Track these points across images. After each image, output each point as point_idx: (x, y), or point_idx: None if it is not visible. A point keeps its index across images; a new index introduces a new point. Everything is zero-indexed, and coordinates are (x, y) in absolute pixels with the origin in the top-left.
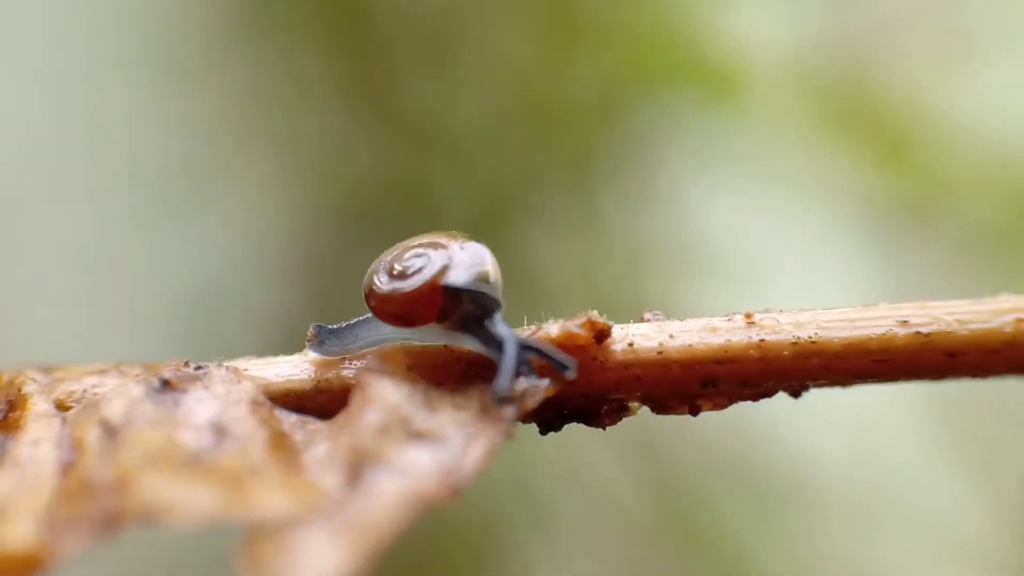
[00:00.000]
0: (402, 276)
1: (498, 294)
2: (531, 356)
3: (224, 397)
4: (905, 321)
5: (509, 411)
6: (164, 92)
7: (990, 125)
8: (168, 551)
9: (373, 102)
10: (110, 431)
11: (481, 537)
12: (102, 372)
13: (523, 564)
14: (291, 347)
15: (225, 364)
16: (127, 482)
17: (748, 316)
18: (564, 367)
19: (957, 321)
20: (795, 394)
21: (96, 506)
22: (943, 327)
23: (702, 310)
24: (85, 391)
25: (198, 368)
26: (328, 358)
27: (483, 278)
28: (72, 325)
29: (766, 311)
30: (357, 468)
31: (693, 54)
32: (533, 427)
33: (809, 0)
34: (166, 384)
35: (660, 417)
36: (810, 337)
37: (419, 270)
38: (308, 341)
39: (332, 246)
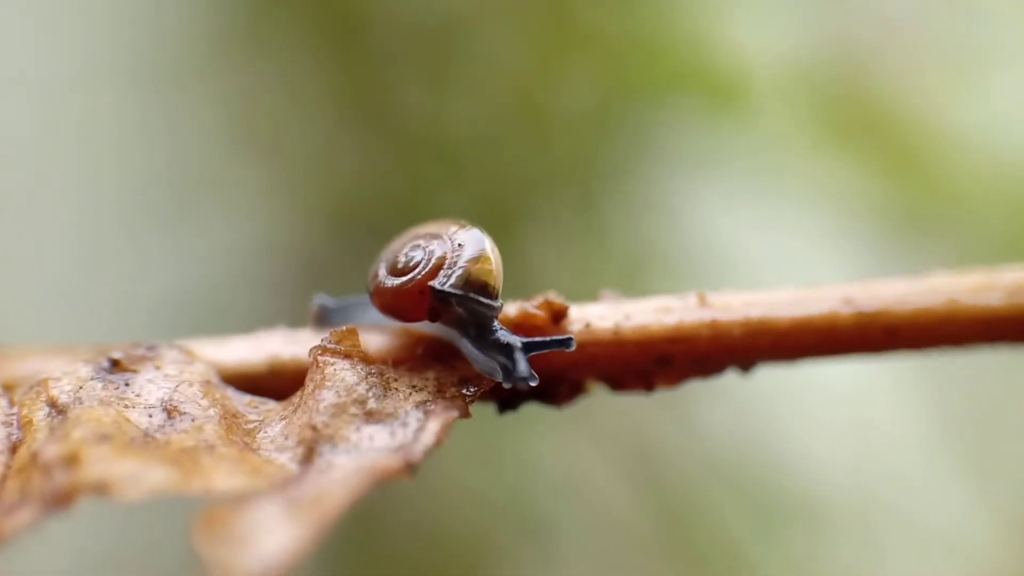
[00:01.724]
0: (396, 271)
1: (492, 298)
2: (536, 354)
3: (176, 377)
4: (848, 299)
5: (469, 391)
6: (155, 100)
7: (996, 136)
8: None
9: (368, 110)
10: (59, 410)
11: (476, 548)
12: (50, 352)
13: (516, 567)
14: None
15: (177, 344)
16: (78, 458)
17: (701, 296)
18: (565, 344)
19: (895, 299)
20: (745, 370)
21: (47, 482)
22: (883, 305)
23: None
24: (32, 371)
25: (149, 348)
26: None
27: (479, 275)
28: (58, 335)
29: (719, 291)
30: (312, 447)
31: (694, 62)
32: (529, 440)
33: (813, 8)
34: (116, 364)
35: (658, 425)
36: (760, 316)
37: (414, 266)
38: (312, 317)
39: (325, 255)
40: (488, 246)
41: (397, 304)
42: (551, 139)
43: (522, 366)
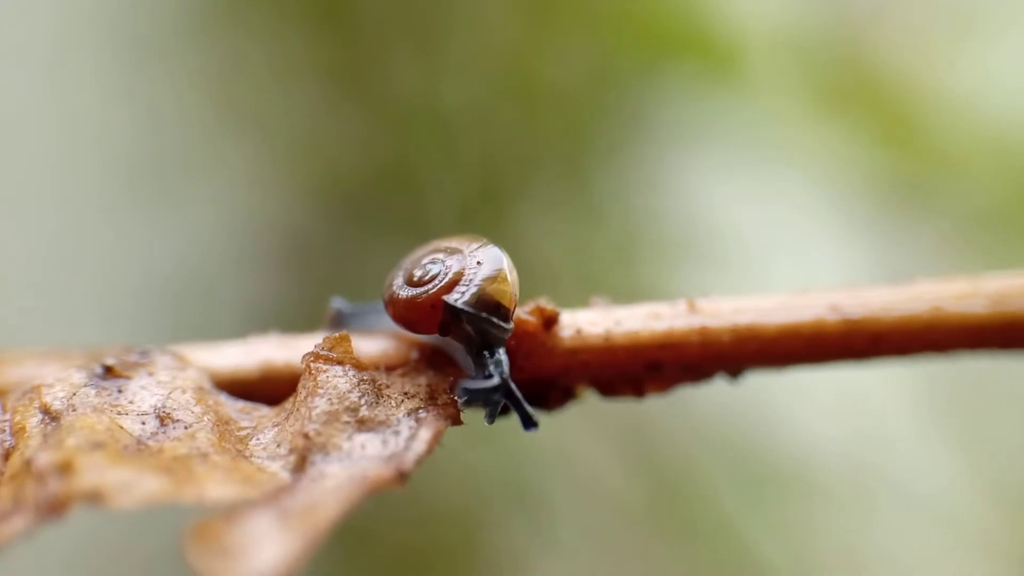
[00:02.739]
0: (413, 282)
1: (504, 320)
2: (506, 401)
3: (169, 384)
4: (835, 307)
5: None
6: (142, 74)
7: (989, 102)
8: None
9: (358, 83)
10: (52, 416)
11: (469, 523)
12: (42, 357)
13: (513, 552)
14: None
15: (170, 350)
16: (71, 466)
17: (691, 303)
18: (529, 424)
19: (882, 307)
20: (734, 376)
21: (40, 490)
22: (869, 312)
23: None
24: (24, 377)
25: (141, 353)
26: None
27: (494, 295)
28: (47, 315)
29: (708, 297)
30: (304, 455)
31: (687, 30)
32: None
33: None
34: (109, 370)
35: (652, 401)
36: (748, 323)
37: (430, 279)
38: (328, 320)
39: (316, 232)
40: (506, 266)
41: (409, 315)
42: (543, 113)
43: (490, 414)
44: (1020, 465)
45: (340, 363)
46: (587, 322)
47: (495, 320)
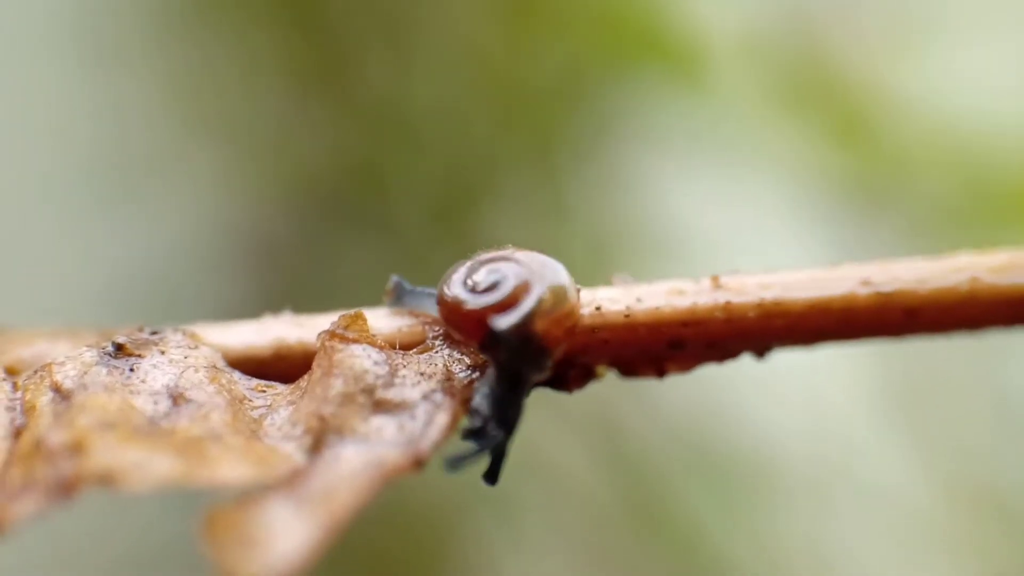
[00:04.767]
0: (469, 285)
1: (544, 361)
2: (488, 446)
3: (181, 363)
4: (867, 280)
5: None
6: (105, 74)
7: (943, 102)
8: (126, 528)
9: (327, 82)
10: (63, 395)
11: (441, 524)
12: (54, 336)
13: (484, 550)
14: None
15: (182, 329)
16: (83, 446)
17: (714, 278)
18: (493, 481)
19: (916, 280)
20: (760, 354)
21: (51, 470)
22: (903, 286)
23: None
24: (35, 355)
25: (153, 332)
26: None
27: (546, 332)
28: (4, 318)
29: (733, 272)
30: (320, 437)
31: (652, 32)
32: None
33: None
34: (120, 349)
35: (620, 398)
36: (775, 298)
37: (486, 290)
38: (386, 294)
39: (284, 233)
40: (572, 300)
41: (452, 319)
42: (514, 113)
43: (454, 462)
44: (973, 459)
45: (356, 342)
46: (607, 299)
47: (536, 362)
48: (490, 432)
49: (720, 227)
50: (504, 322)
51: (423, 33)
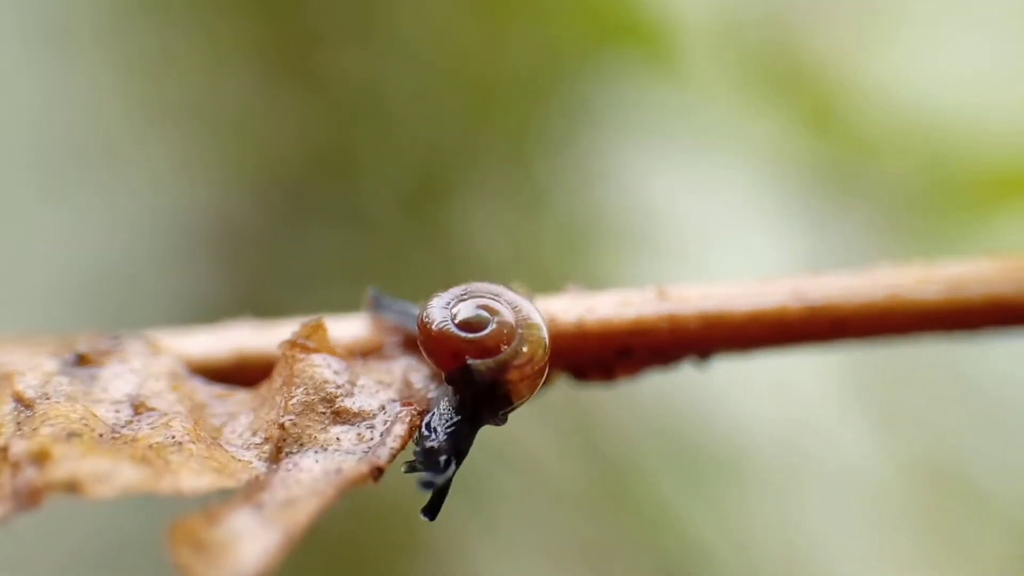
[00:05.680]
0: (454, 316)
1: (507, 411)
2: (442, 481)
3: (142, 371)
4: (797, 293)
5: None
6: (62, 58)
7: (913, 92)
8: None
9: (296, 68)
10: (25, 404)
11: (412, 513)
12: (11, 344)
13: (455, 539)
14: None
15: (143, 335)
16: (47, 455)
17: (660, 289)
18: (426, 512)
19: (842, 294)
20: (701, 361)
21: (16, 477)
22: (830, 299)
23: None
24: None
25: (113, 340)
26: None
27: (514, 390)
28: None
29: (677, 284)
30: (280, 445)
31: (627, 20)
32: None
33: None
34: (81, 358)
35: (592, 390)
36: (715, 310)
37: (471, 326)
38: (368, 304)
39: (248, 221)
40: (546, 362)
41: (429, 344)
42: (488, 101)
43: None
44: (936, 444)
45: (317, 351)
46: (560, 309)
47: (499, 410)
48: (441, 463)
49: (694, 214)
50: (480, 365)
51: (395, 17)
